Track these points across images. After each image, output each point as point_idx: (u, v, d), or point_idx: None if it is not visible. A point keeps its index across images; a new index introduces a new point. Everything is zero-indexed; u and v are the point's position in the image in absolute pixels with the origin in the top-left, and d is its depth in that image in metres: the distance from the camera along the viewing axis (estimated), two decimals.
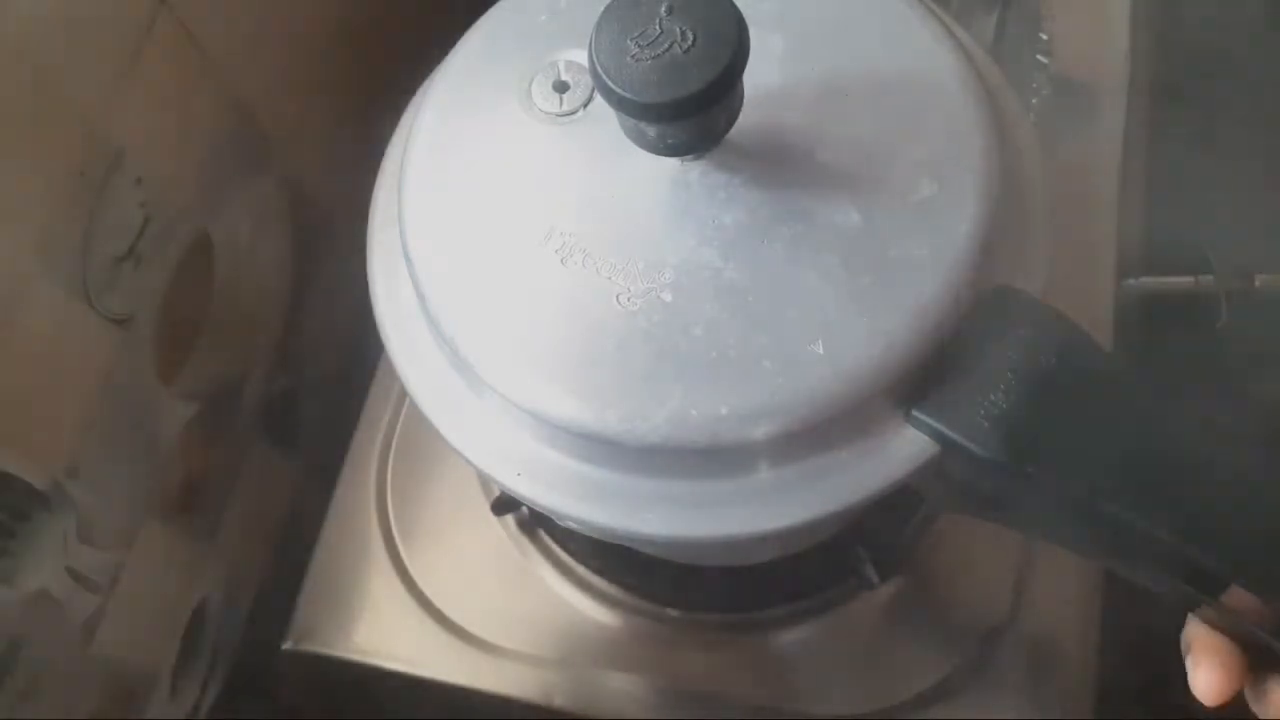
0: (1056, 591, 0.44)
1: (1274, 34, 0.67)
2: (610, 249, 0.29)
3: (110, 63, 0.39)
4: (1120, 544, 0.28)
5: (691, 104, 0.26)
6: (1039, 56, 0.53)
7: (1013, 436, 0.27)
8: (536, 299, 0.29)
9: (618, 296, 0.29)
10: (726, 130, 0.29)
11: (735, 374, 0.28)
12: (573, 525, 0.35)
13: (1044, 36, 0.53)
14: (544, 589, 0.47)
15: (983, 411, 0.28)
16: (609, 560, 0.46)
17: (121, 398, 0.42)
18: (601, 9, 0.27)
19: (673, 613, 0.46)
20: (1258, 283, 0.58)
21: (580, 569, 0.47)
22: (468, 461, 0.31)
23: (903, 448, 0.28)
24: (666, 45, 0.26)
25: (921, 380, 0.28)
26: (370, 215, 0.35)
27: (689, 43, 0.26)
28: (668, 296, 0.28)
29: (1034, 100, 0.52)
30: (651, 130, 0.28)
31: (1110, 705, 0.43)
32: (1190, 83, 0.66)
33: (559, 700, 0.45)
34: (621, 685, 0.45)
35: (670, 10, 0.26)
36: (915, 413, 0.28)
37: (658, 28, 0.26)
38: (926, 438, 0.28)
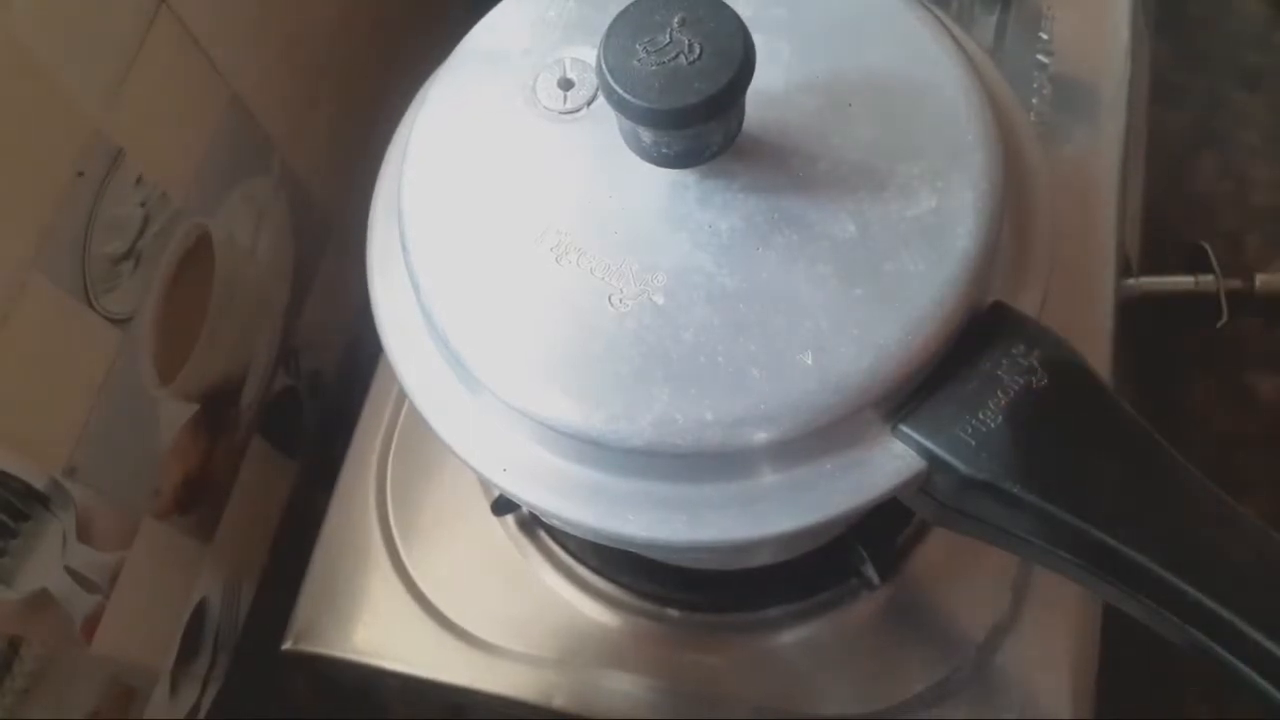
0: (1056, 591, 0.44)
1: (1274, 32, 0.67)
2: (605, 249, 0.29)
3: (110, 63, 0.39)
4: (1110, 574, 0.27)
5: (689, 114, 0.26)
6: (1039, 56, 0.53)
7: (999, 456, 0.27)
8: (529, 296, 0.29)
9: (610, 298, 0.29)
10: (721, 149, 0.29)
11: (723, 380, 0.27)
12: (557, 524, 0.35)
13: (1044, 36, 0.53)
14: (544, 589, 0.47)
15: (970, 429, 0.27)
16: (609, 560, 0.46)
17: (121, 398, 0.42)
18: (612, 8, 0.27)
19: (673, 613, 0.46)
20: (1258, 283, 0.58)
21: (580, 569, 0.47)
22: (455, 454, 0.31)
23: (889, 462, 0.28)
24: (673, 54, 0.26)
25: (910, 395, 0.28)
26: (370, 214, 0.35)
27: (695, 55, 0.26)
28: (660, 300, 0.28)
29: (1034, 100, 0.52)
30: (648, 136, 0.28)
31: (1110, 705, 0.43)
32: (1190, 82, 0.66)
33: (559, 700, 0.45)
34: (621, 685, 0.45)
35: (683, 22, 0.26)
36: (902, 427, 0.28)
37: (668, 37, 0.26)
38: (913, 452, 0.28)
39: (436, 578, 0.47)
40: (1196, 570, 0.26)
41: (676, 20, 0.26)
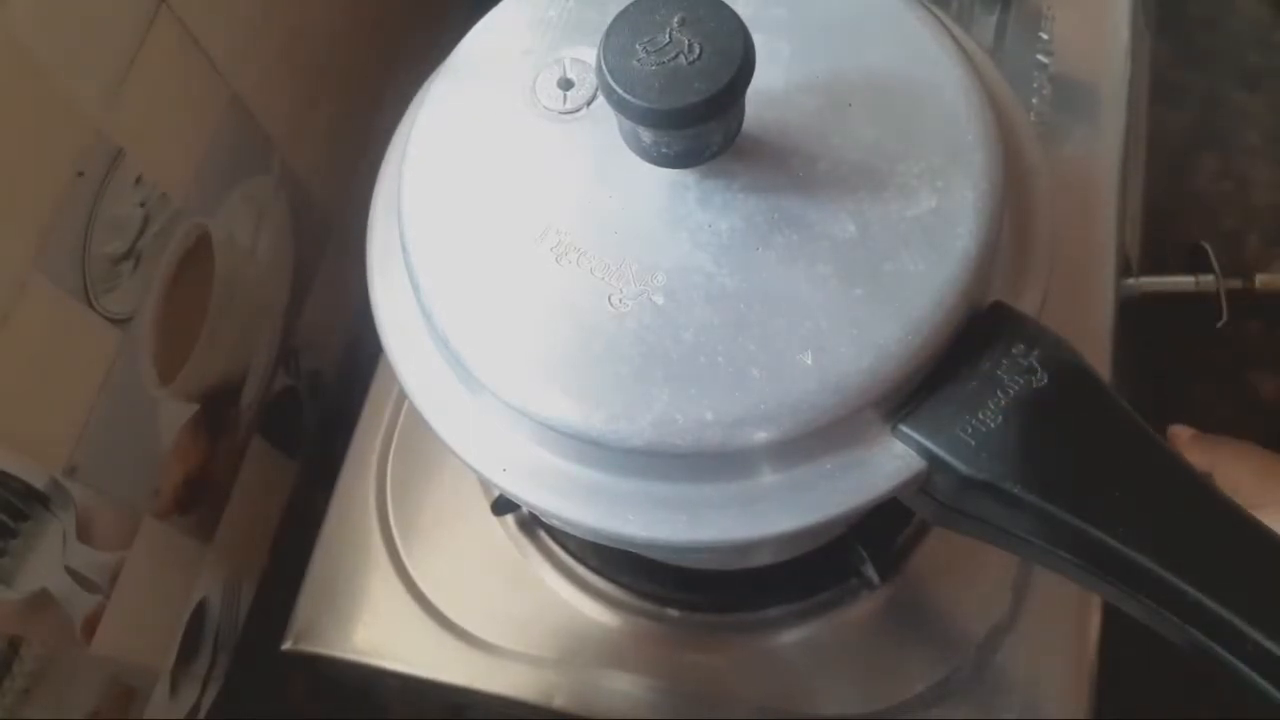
0: (1056, 591, 0.44)
1: (1274, 32, 0.67)
2: (605, 249, 0.29)
3: (110, 63, 0.39)
4: (1110, 574, 0.27)
5: (689, 114, 0.26)
6: (1039, 56, 0.53)
7: (999, 456, 0.27)
8: (529, 296, 0.29)
9: (610, 298, 0.29)
10: (721, 149, 0.29)
11: (723, 380, 0.27)
12: (557, 524, 0.35)
13: (1044, 36, 0.53)
14: (544, 589, 0.47)
15: (970, 429, 0.27)
16: (609, 560, 0.46)
17: (121, 398, 0.42)
18: (612, 8, 0.27)
19: (673, 613, 0.46)
20: (1258, 283, 0.58)
21: (580, 569, 0.47)
22: (455, 454, 0.31)
23: (889, 462, 0.28)
24: (673, 54, 0.26)
25: (910, 394, 0.28)
26: (370, 214, 0.35)
27: (695, 55, 0.26)
28: (659, 300, 0.28)
29: (1034, 100, 0.52)
30: (647, 136, 0.28)
31: (1110, 705, 0.43)
32: (1190, 82, 0.66)
33: (559, 700, 0.45)
34: (621, 685, 0.45)
35: (683, 22, 0.26)
36: (902, 427, 0.28)
37: (667, 37, 0.26)
38: (913, 452, 0.28)
39: (436, 578, 0.47)
40: (1196, 570, 0.26)
41: (676, 20, 0.26)
